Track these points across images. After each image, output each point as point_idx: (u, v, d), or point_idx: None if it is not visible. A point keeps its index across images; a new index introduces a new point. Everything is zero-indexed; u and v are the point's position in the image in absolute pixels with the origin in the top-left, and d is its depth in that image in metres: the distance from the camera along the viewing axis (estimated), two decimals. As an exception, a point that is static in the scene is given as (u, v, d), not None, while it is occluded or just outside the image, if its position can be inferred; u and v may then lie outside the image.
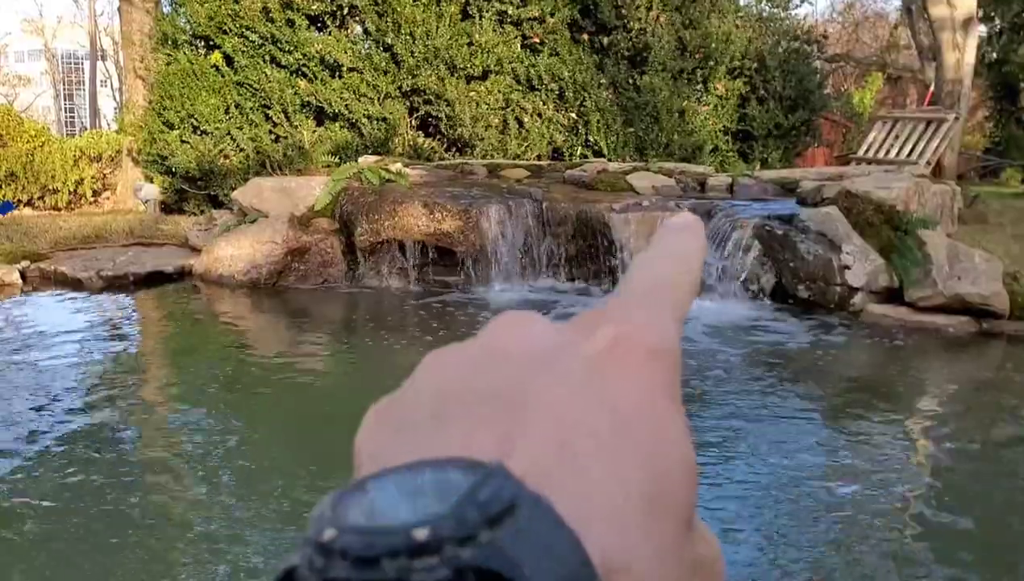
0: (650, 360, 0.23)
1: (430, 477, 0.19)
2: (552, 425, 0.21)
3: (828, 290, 6.06)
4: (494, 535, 0.18)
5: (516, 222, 6.80)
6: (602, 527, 0.20)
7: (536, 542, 0.18)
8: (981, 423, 4.25)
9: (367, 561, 0.17)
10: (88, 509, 3.07)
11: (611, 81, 10.08)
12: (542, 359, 0.24)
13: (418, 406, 0.24)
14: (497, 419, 0.22)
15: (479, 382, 0.23)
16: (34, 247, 7.76)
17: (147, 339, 5.94)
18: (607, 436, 0.21)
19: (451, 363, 0.25)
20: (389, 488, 0.19)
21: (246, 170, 9.71)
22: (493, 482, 0.19)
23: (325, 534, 0.18)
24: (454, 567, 0.17)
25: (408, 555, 0.17)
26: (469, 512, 0.18)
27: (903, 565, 2.79)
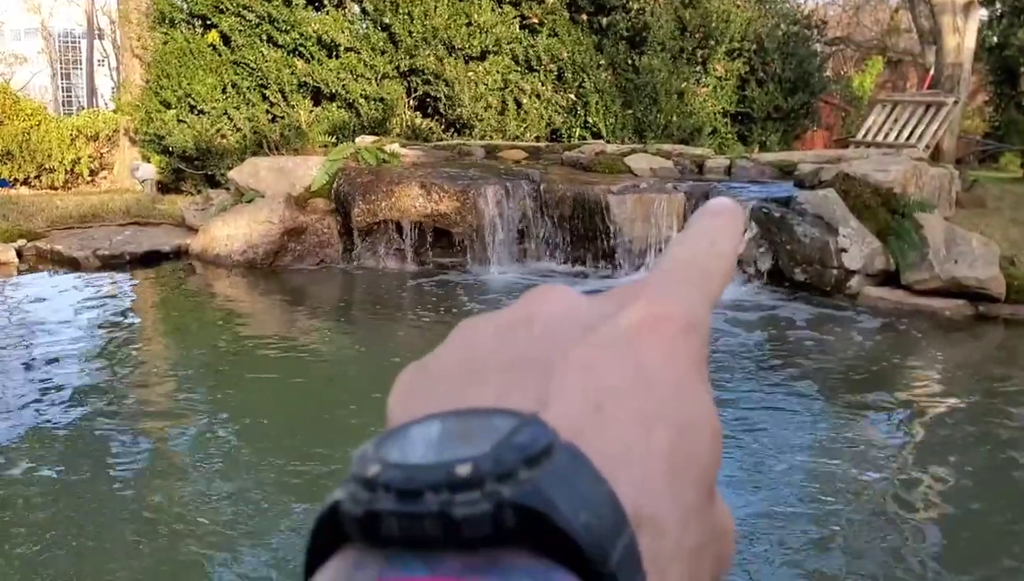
0: (681, 335, 0.24)
1: (470, 422, 0.20)
2: (585, 388, 0.22)
3: (825, 273, 6.06)
4: (532, 474, 0.18)
5: (514, 203, 6.79)
6: (631, 482, 0.21)
7: (571, 485, 0.19)
8: (976, 405, 4.26)
9: (410, 494, 0.18)
10: (82, 488, 3.08)
11: (610, 62, 10.03)
12: (576, 327, 0.24)
13: (452, 368, 0.24)
14: (531, 381, 0.23)
15: (513, 350, 0.24)
16: (30, 226, 7.74)
17: (144, 318, 5.94)
18: (638, 401, 0.22)
19: (485, 329, 0.26)
20: (431, 430, 0.20)
21: (243, 150, 9.67)
22: (530, 428, 0.19)
23: (369, 469, 0.19)
24: (495, 502, 0.18)
25: (450, 489, 0.18)
26: (508, 452, 0.18)
27: (893, 544, 2.80)
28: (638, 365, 0.23)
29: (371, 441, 0.20)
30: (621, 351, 0.23)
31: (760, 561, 2.65)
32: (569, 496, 0.18)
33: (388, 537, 0.18)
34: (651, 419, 0.22)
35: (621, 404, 0.22)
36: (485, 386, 0.23)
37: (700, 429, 0.23)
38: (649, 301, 0.25)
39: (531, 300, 0.27)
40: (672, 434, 0.22)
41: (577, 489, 0.19)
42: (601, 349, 0.23)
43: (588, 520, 0.18)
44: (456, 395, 0.23)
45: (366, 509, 0.18)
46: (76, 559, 2.59)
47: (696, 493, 0.22)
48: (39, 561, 2.56)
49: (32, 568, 2.52)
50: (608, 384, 0.22)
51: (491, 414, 0.20)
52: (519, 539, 0.18)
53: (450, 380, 0.24)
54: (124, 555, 2.62)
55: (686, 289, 0.26)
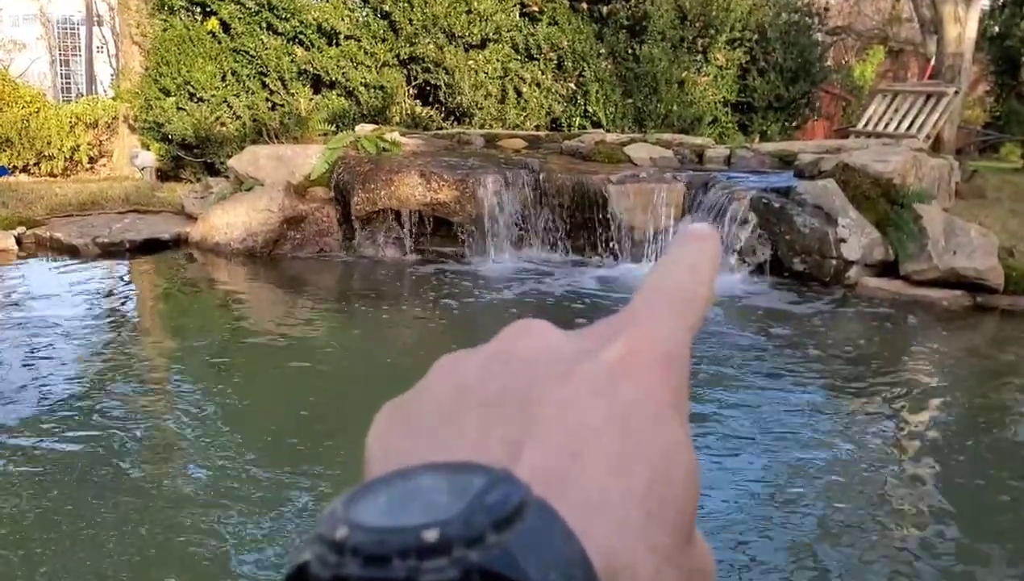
0: (659, 369, 0.24)
1: (440, 480, 0.20)
2: (561, 433, 0.22)
3: (824, 263, 6.07)
4: (501, 538, 0.18)
5: (513, 193, 6.78)
6: (606, 534, 0.21)
7: (541, 546, 0.19)
8: (973, 396, 4.28)
9: (378, 559, 0.18)
10: (79, 473, 3.09)
11: (610, 51, 10.00)
12: (555, 366, 0.24)
13: (430, 407, 0.24)
14: (507, 425, 0.23)
15: (491, 387, 0.24)
16: (30, 213, 7.74)
17: (143, 306, 5.94)
18: (615, 446, 0.22)
19: (464, 367, 0.26)
20: (400, 489, 0.20)
21: (242, 138, 9.65)
22: (501, 487, 0.19)
23: (338, 532, 0.18)
24: (462, 568, 0.18)
25: (418, 555, 0.18)
26: (477, 515, 0.18)
27: (891, 532, 2.82)
28: (616, 404, 0.23)
29: (340, 499, 0.20)
30: (599, 390, 0.23)
31: (762, 548, 2.67)
32: (538, 558, 0.18)
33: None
34: (627, 461, 0.22)
35: (598, 447, 0.22)
36: (462, 428, 0.23)
37: (676, 468, 0.22)
38: (629, 337, 0.25)
39: (509, 336, 0.26)
40: (648, 478, 0.22)
41: (547, 549, 0.19)
42: (578, 389, 0.23)
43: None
44: (432, 439, 0.23)
45: (333, 573, 0.18)
46: (71, 542, 2.60)
47: (672, 536, 0.22)
48: (33, 544, 2.57)
49: (28, 550, 2.54)
50: (585, 426, 0.22)
51: (463, 469, 0.20)
52: None
53: (428, 421, 0.24)
54: (118, 540, 2.63)
55: (666, 320, 0.26)
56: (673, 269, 0.28)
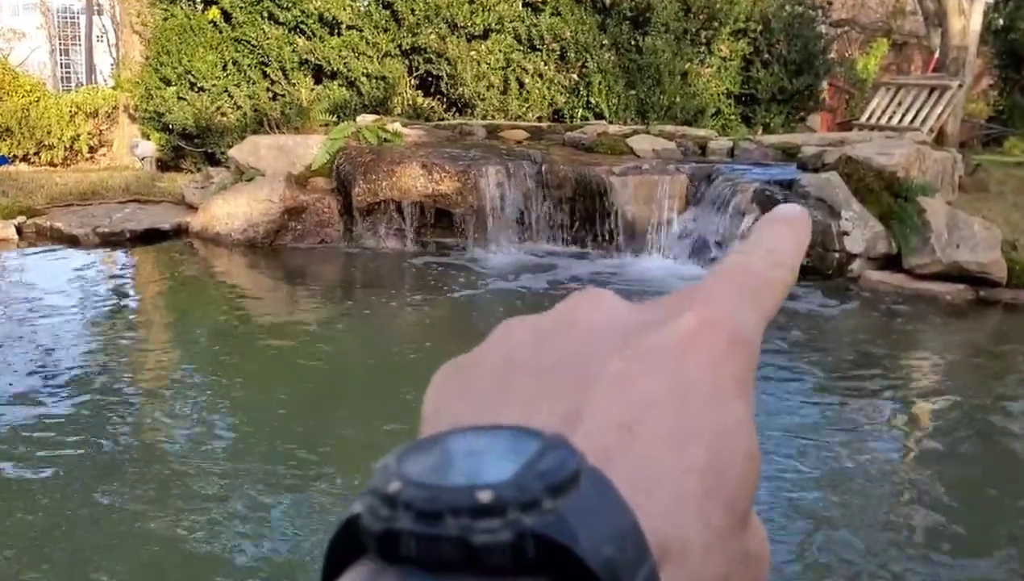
0: (727, 351, 0.23)
1: (494, 442, 0.19)
2: (619, 405, 0.21)
3: (826, 256, 6.04)
4: (556, 504, 0.18)
5: (515, 184, 6.76)
6: (659, 510, 0.20)
7: (595, 516, 0.18)
8: (975, 390, 4.26)
9: (431, 516, 0.18)
10: (80, 461, 3.09)
11: (613, 42, 9.95)
12: (616, 338, 0.24)
13: (486, 371, 0.24)
14: (565, 392, 0.22)
15: (550, 355, 0.24)
16: (30, 203, 7.71)
17: (143, 296, 5.93)
18: (673, 422, 0.21)
19: (524, 332, 0.25)
20: (453, 448, 0.19)
21: (243, 128, 9.62)
22: (555, 453, 0.19)
23: (391, 485, 0.18)
24: (516, 531, 0.17)
25: (471, 515, 0.18)
26: (531, 480, 0.18)
27: (890, 526, 2.81)
28: (677, 380, 0.22)
29: (394, 453, 0.20)
30: (661, 365, 0.22)
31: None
32: (592, 528, 0.18)
33: (405, 556, 0.18)
34: (685, 437, 0.21)
35: (656, 422, 0.21)
36: (518, 394, 0.23)
37: (736, 449, 0.22)
38: (698, 312, 0.24)
39: (574, 305, 0.26)
40: (705, 454, 0.21)
41: (601, 520, 0.18)
42: (640, 361, 0.22)
43: (610, 553, 0.18)
44: (488, 401, 0.23)
45: (385, 527, 0.18)
46: (73, 528, 2.59)
47: (726, 517, 0.21)
48: (35, 528, 2.57)
49: (29, 533, 2.53)
50: (644, 400, 0.22)
51: (518, 434, 0.20)
52: (540, 567, 0.18)
53: (484, 384, 0.24)
54: (113, 524, 2.62)
55: (739, 301, 0.25)
56: (752, 251, 0.27)
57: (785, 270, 0.27)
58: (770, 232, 0.28)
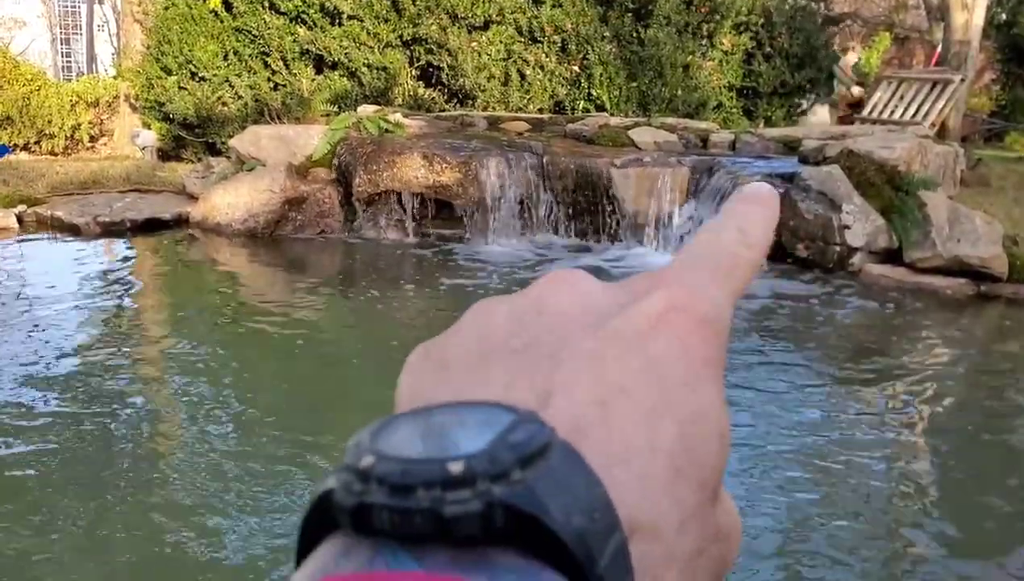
0: (697, 330, 0.23)
1: (466, 417, 0.20)
2: (591, 384, 0.22)
3: (827, 250, 6.04)
4: (525, 475, 0.18)
5: (516, 175, 6.75)
6: (630, 486, 0.20)
7: (565, 488, 0.19)
8: (975, 385, 4.27)
9: (403, 488, 0.18)
10: (81, 452, 3.09)
11: (615, 34, 9.92)
12: (589, 317, 0.24)
13: (460, 352, 0.24)
14: (537, 372, 0.22)
15: (523, 335, 0.24)
16: (31, 192, 7.71)
17: (144, 285, 5.93)
18: (645, 400, 0.22)
19: (496, 314, 0.25)
20: (425, 424, 0.20)
21: (244, 118, 9.60)
22: (526, 426, 0.19)
23: (363, 460, 0.19)
24: (486, 501, 0.18)
25: (443, 486, 0.18)
26: (502, 451, 0.18)
27: (887, 521, 2.82)
28: (648, 359, 0.22)
29: (367, 429, 0.20)
30: (632, 344, 0.22)
31: (759, 530, 2.67)
32: (561, 498, 0.18)
33: (378, 529, 0.18)
34: (657, 416, 0.21)
35: (627, 400, 0.21)
36: (491, 374, 0.23)
37: (707, 429, 0.22)
38: (668, 292, 0.24)
39: (545, 285, 0.26)
40: (677, 433, 0.21)
41: (570, 491, 0.19)
42: (612, 341, 0.23)
43: (579, 523, 0.18)
44: (462, 381, 0.23)
45: (358, 501, 0.18)
46: (68, 514, 2.60)
47: (698, 495, 0.21)
48: (33, 517, 2.57)
49: (28, 522, 2.54)
50: (615, 378, 0.22)
51: (490, 409, 0.20)
52: (511, 538, 0.18)
53: (457, 365, 0.24)
54: (115, 512, 2.63)
55: (709, 280, 0.25)
56: (721, 230, 0.27)
57: (754, 249, 0.27)
58: (740, 211, 0.28)
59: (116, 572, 2.39)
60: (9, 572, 2.35)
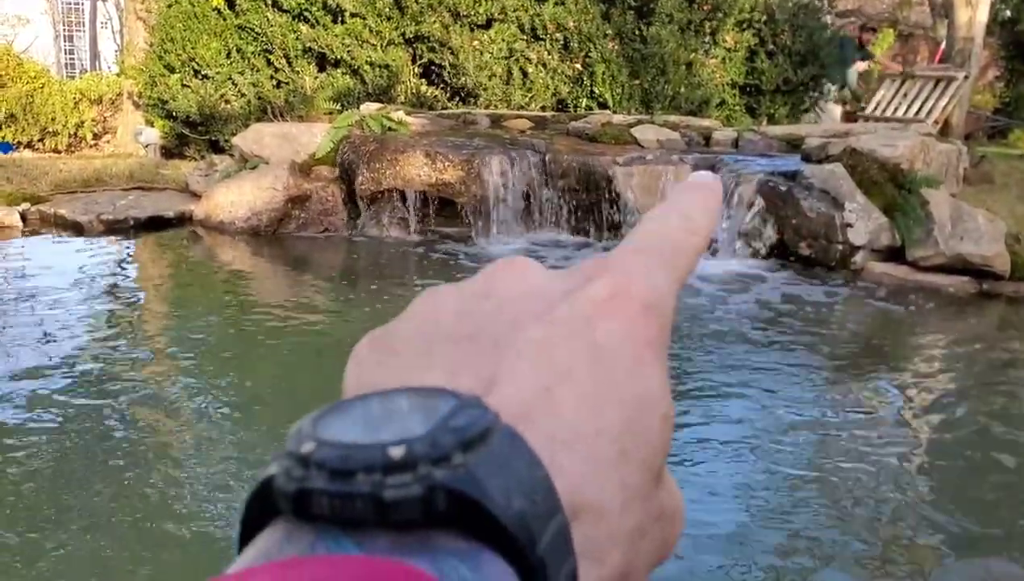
0: (641, 315, 0.24)
1: (408, 402, 0.20)
2: (536, 369, 0.22)
3: (830, 248, 6.04)
4: (466, 459, 0.18)
5: (518, 173, 6.75)
6: (574, 469, 0.21)
7: (505, 471, 0.19)
8: (978, 383, 4.27)
9: (343, 474, 0.18)
10: (83, 449, 3.10)
11: (617, 32, 9.91)
12: (535, 303, 0.24)
13: (407, 340, 0.24)
14: (483, 358, 0.23)
15: (470, 322, 0.24)
16: (34, 189, 7.72)
17: (147, 283, 5.94)
18: (590, 384, 0.22)
19: (445, 301, 0.26)
20: (367, 409, 0.20)
21: (247, 115, 9.61)
22: (469, 411, 0.19)
23: (304, 447, 0.19)
24: (426, 485, 0.18)
25: (383, 471, 0.18)
26: (444, 435, 0.19)
27: (889, 521, 2.82)
28: (593, 345, 0.23)
29: (309, 416, 0.20)
30: (577, 330, 0.23)
31: (758, 528, 2.67)
32: (502, 482, 0.18)
33: (319, 515, 0.18)
34: (601, 401, 0.22)
35: (572, 385, 0.22)
36: (437, 360, 0.23)
37: (651, 412, 0.23)
38: (611, 278, 0.24)
39: (492, 273, 0.26)
40: (621, 416, 0.22)
41: (511, 475, 0.19)
42: (557, 327, 0.23)
43: (520, 506, 0.18)
44: (408, 369, 0.23)
45: (298, 486, 0.18)
46: (71, 511, 2.61)
47: (642, 477, 0.22)
48: (35, 513, 2.58)
49: (31, 517, 2.55)
50: (561, 364, 0.22)
51: (433, 394, 0.20)
52: (451, 521, 0.18)
53: (403, 353, 0.24)
54: (116, 509, 2.64)
55: (653, 266, 0.26)
56: (666, 217, 0.28)
57: (698, 236, 0.28)
58: (684, 198, 0.29)
59: (117, 570, 2.40)
60: (13, 569, 2.37)
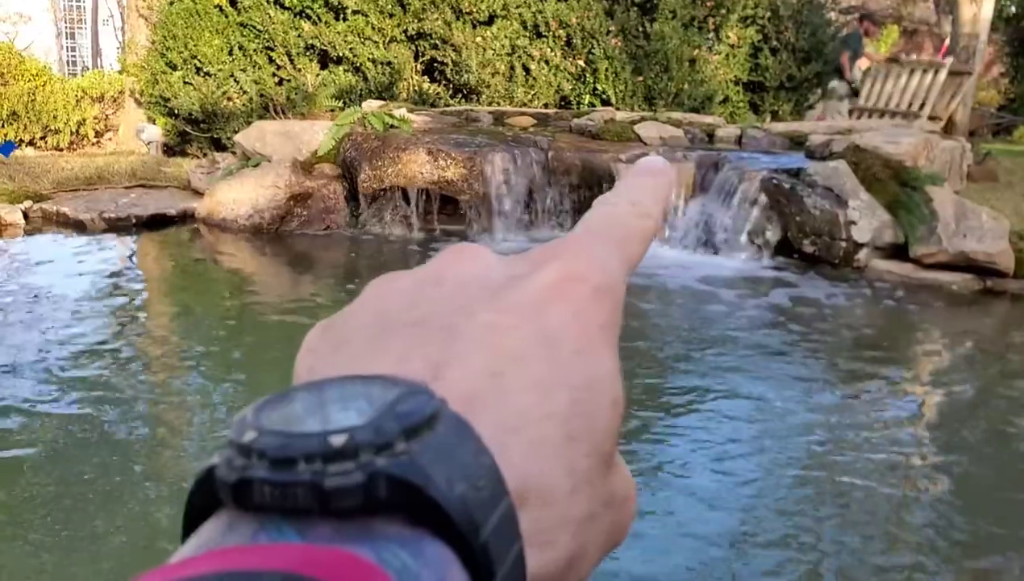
0: (592, 298, 0.24)
1: (354, 390, 0.20)
2: (484, 355, 0.22)
3: (833, 245, 6.02)
4: (410, 446, 0.18)
5: (521, 171, 6.74)
6: (521, 454, 0.21)
7: (450, 458, 0.19)
8: (981, 381, 4.25)
9: (284, 462, 0.18)
10: (85, 445, 3.10)
11: (620, 28, 9.89)
12: (486, 289, 0.24)
13: (358, 327, 0.24)
14: (433, 344, 0.22)
15: (421, 308, 0.24)
16: (36, 187, 7.72)
17: (149, 281, 5.94)
18: (540, 369, 0.22)
19: (396, 288, 0.26)
20: (312, 398, 0.20)
21: (249, 113, 9.60)
22: (414, 398, 0.19)
23: (245, 436, 0.19)
24: (368, 473, 0.18)
25: (324, 459, 0.18)
26: (387, 423, 0.18)
27: (894, 518, 2.81)
28: (543, 329, 0.23)
29: (252, 406, 0.20)
30: (528, 314, 0.23)
31: (762, 525, 2.66)
32: (446, 468, 0.18)
33: (261, 504, 0.18)
34: (551, 385, 0.22)
35: (522, 370, 0.22)
36: (387, 348, 0.23)
37: (600, 395, 0.23)
38: (562, 263, 0.24)
39: (444, 259, 0.26)
40: (570, 400, 0.22)
41: (457, 460, 0.19)
42: (507, 312, 0.23)
43: (464, 492, 0.18)
44: (358, 356, 0.23)
45: (239, 476, 0.18)
46: (71, 512, 2.61)
47: (591, 461, 0.22)
48: (36, 512, 2.58)
49: (32, 517, 2.54)
50: (510, 349, 0.22)
51: (379, 382, 0.20)
52: (396, 508, 0.18)
53: (354, 340, 0.24)
54: (118, 511, 2.64)
55: (605, 250, 0.26)
56: (617, 201, 0.28)
57: (648, 219, 0.28)
58: (634, 183, 0.29)
59: (119, 567, 2.40)
60: (18, 564, 2.36)
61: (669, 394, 3.82)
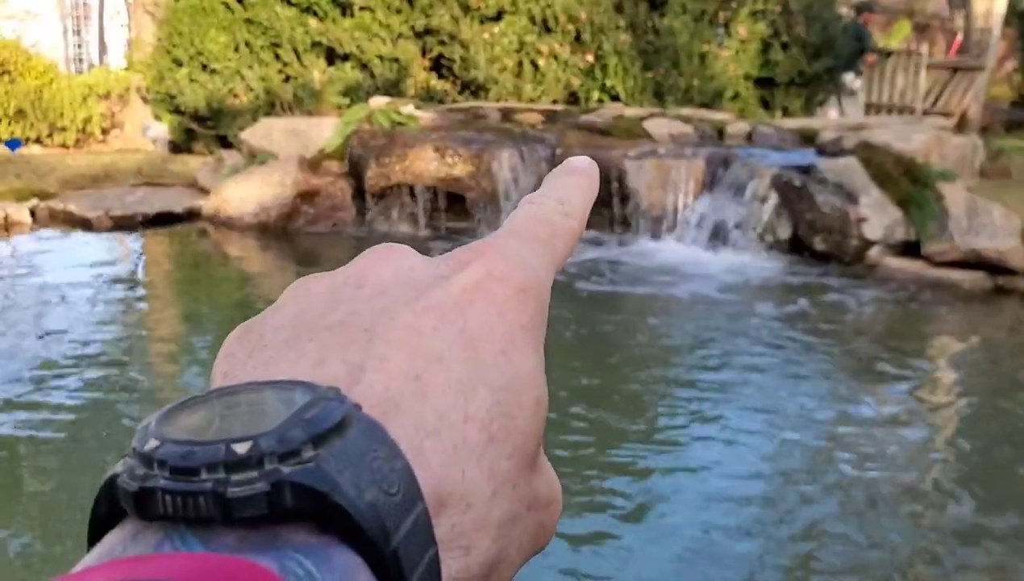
0: (515, 298, 0.24)
1: (262, 397, 0.19)
2: (405, 357, 0.21)
3: (844, 242, 5.97)
4: (317, 452, 0.18)
5: (529, 168, 6.69)
6: (440, 457, 0.20)
7: (359, 462, 0.18)
8: (992, 379, 4.20)
9: (185, 471, 0.18)
10: (88, 443, 3.08)
11: (629, 23, 9.82)
12: (407, 290, 0.24)
13: (276, 330, 0.23)
14: (352, 347, 0.22)
15: (342, 309, 0.23)
16: (43, 185, 7.72)
17: (155, 278, 5.92)
18: (461, 370, 0.22)
19: (315, 290, 0.25)
20: (218, 405, 0.19)
21: (256, 110, 9.58)
22: (324, 403, 0.19)
23: (147, 444, 0.18)
24: (272, 481, 0.17)
25: (226, 468, 0.18)
26: (293, 429, 0.18)
27: (906, 515, 2.77)
28: (465, 329, 0.22)
29: (156, 413, 0.19)
30: (449, 315, 0.23)
31: (772, 522, 2.63)
32: (355, 474, 0.18)
33: (164, 514, 0.18)
34: (471, 387, 0.21)
35: (442, 371, 0.21)
36: (305, 351, 0.22)
37: (523, 396, 0.22)
38: (484, 263, 0.24)
39: (366, 260, 0.26)
40: (492, 401, 0.21)
41: (367, 466, 0.18)
42: (428, 313, 0.22)
43: (374, 498, 0.18)
44: (276, 360, 0.22)
45: (140, 485, 0.18)
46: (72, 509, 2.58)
47: (513, 463, 0.22)
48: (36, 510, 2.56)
49: (34, 513, 2.52)
50: (431, 350, 0.22)
51: (291, 387, 0.19)
52: (306, 516, 0.18)
53: (270, 344, 0.23)
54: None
55: (528, 249, 0.25)
56: (542, 201, 0.28)
57: (573, 218, 0.28)
58: (560, 183, 0.29)
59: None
60: (28, 558, 2.34)
61: (671, 392, 3.79)
